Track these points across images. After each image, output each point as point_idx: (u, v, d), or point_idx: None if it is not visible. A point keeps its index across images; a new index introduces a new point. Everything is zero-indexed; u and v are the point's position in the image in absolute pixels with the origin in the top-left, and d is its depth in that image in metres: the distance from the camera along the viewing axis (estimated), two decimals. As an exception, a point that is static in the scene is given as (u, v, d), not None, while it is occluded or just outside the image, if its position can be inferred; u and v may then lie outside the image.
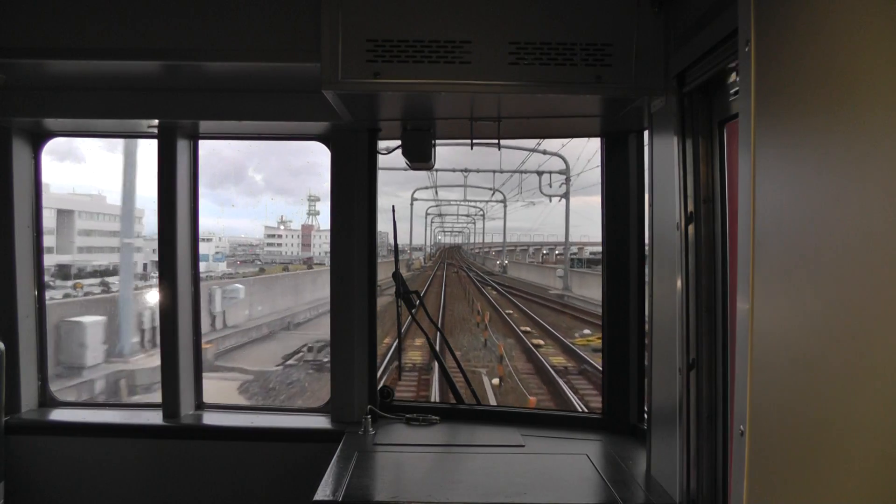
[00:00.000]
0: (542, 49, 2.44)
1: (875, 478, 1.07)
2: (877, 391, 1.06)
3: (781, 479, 1.36)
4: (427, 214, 72.12)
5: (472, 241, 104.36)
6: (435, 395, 11.99)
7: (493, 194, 48.07)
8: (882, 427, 1.05)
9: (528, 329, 20.26)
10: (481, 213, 70.83)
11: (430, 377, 13.19)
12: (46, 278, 3.73)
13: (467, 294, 33.77)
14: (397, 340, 3.83)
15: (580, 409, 10.23)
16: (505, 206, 51.80)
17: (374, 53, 2.44)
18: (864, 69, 1.12)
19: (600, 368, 3.51)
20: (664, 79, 2.43)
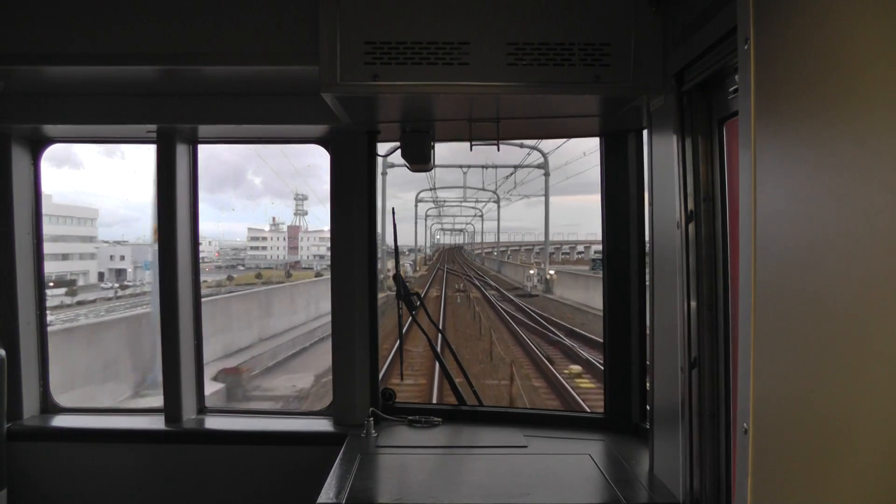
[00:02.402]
0: (541, 49, 2.56)
1: (879, 474, 1.11)
2: (879, 388, 1.11)
3: (785, 476, 1.41)
4: (419, 201, 63.87)
5: (476, 240, 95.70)
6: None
7: (528, 155, 38.62)
8: (885, 423, 1.09)
9: None
10: (495, 198, 60.31)
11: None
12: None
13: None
14: (398, 342, 3.99)
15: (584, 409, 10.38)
16: (547, 178, 40.51)
17: (373, 56, 2.56)
18: (864, 66, 1.16)
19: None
20: (663, 77, 2.54)
